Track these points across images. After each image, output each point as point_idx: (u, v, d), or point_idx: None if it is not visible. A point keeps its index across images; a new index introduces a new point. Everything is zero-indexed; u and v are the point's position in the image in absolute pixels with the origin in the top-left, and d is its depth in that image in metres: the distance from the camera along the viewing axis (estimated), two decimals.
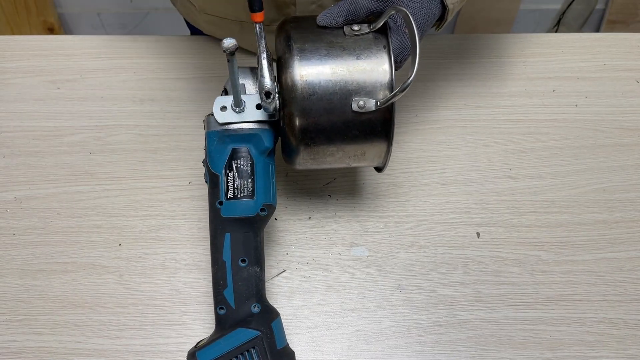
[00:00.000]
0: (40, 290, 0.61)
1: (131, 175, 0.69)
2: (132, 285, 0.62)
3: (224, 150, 0.53)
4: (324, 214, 0.67)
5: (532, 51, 0.82)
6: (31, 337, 0.59)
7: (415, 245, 0.65)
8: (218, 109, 0.53)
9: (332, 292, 0.62)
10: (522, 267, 0.64)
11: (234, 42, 0.46)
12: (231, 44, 0.46)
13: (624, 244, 0.66)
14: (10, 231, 0.65)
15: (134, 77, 0.77)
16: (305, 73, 0.52)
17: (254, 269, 0.53)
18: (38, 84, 0.76)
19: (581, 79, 0.80)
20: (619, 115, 0.76)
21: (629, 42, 0.84)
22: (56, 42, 0.81)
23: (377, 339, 0.60)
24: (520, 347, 0.60)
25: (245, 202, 0.53)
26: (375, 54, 0.53)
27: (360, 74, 0.52)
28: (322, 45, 0.53)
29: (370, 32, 0.54)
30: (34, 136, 0.72)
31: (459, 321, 0.61)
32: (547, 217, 0.68)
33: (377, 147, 0.55)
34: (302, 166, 0.57)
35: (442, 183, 0.70)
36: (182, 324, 0.60)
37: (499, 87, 0.78)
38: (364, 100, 0.52)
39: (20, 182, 0.68)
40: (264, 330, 0.52)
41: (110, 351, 0.58)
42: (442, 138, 0.73)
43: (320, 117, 0.52)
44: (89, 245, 0.64)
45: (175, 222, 0.66)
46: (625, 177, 0.71)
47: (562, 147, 0.73)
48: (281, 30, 0.55)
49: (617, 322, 0.61)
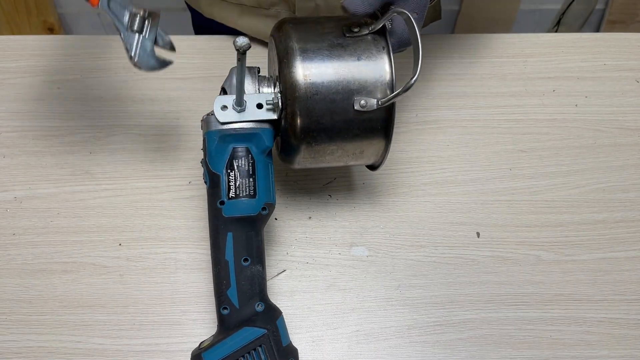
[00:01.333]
0: (41, 290, 0.61)
1: (131, 175, 0.69)
2: (132, 285, 0.62)
3: (224, 150, 0.54)
4: (324, 213, 0.67)
5: (532, 51, 0.82)
6: (31, 336, 0.59)
7: (415, 245, 0.65)
8: (219, 108, 0.54)
9: (332, 291, 0.62)
10: (522, 267, 0.64)
11: (247, 41, 0.46)
12: (244, 42, 0.46)
13: (624, 244, 0.66)
14: (10, 231, 0.65)
15: (134, 77, 0.77)
16: (308, 73, 0.52)
17: (257, 267, 0.53)
18: (38, 84, 0.76)
19: (581, 79, 0.80)
20: (619, 115, 0.76)
21: (629, 42, 0.84)
22: (56, 42, 0.81)
23: (377, 338, 0.60)
24: (520, 347, 0.60)
25: (246, 202, 0.53)
26: (376, 54, 0.54)
27: (362, 74, 0.53)
28: (323, 46, 0.53)
29: (369, 33, 0.54)
30: (34, 136, 0.72)
31: (459, 321, 0.61)
32: (547, 217, 0.68)
33: (375, 145, 0.56)
34: (300, 165, 0.57)
35: (442, 183, 0.70)
36: (182, 323, 0.60)
37: (499, 87, 0.78)
38: (366, 100, 0.53)
39: (20, 182, 0.68)
40: (270, 328, 0.52)
41: (110, 351, 0.58)
42: (442, 138, 0.74)
43: (322, 116, 0.53)
44: (89, 245, 0.64)
45: (175, 222, 0.66)
46: (625, 177, 0.71)
47: (562, 147, 0.73)
48: (280, 30, 0.55)
49: (617, 322, 0.61)
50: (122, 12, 0.54)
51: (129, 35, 0.54)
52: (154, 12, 0.55)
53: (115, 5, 0.54)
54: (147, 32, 0.55)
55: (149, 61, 0.55)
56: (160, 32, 0.56)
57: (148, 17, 0.55)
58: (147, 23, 0.55)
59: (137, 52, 0.55)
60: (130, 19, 0.54)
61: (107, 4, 0.54)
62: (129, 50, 0.54)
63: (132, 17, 0.54)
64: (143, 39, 0.55)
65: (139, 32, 0.55)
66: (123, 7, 0.54)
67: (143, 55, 0.55)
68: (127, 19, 0.54)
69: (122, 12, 0.54)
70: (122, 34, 0.54)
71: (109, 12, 0.54)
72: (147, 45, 0.55)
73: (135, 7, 0.55)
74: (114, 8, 0.54)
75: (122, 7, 0.54)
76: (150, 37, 0.55)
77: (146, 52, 0.55)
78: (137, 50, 0.55)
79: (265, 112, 0.54)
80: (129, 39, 0.54)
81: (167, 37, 0.56)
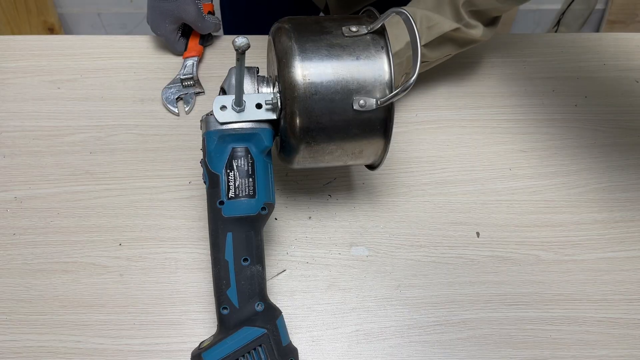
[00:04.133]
0: (41, 289, 0.61)
1: (131, 175, 0.69)
2: (132, 284, 0.62)
3: (224, 150, 0.54)
4: (324, 213, 0.67)
5: (532, 51, 0.82)
6: (31, 336, 0.59)
7: (415, 245, 0.65)
8: (218, 108, 0.54)
9: (332, 291, 0.62)
10: (521, 267, 0.64)
11: (246, 41, 0.46)
12: (243, 42, 0.46)
13: (623, 244, 0.66)
14: (10, 231, 0.65)
15: (134, 77, 0.77)
16: (307, 73, 0.52)
17: (256, 267, 0.53)
18: (38, 84, 0.76)
19: (581, 78, 0.80)
20: (618, 115, 0.76)
21: (629, 42, 0.84)
22: (56, 42, 0.81)
23: (377, 338, 0.60)
24: (520, 347, 0.60)
25: (246, 201, 0.53)
26: (375, 54, 0.54)
27: (361, 74, 0.53)
28: (322, 46, 0.53)
29: (368, 33, 0.54)
30: (34, 136, 0.72)
31: (459, 321, 0.61)
32: (547, 216, 0.68)
33: (374, 145, 0.56)
34: (299, 165, 0.57)
35: (442, 183, 0.70)
36: (182, 323, 0.60)
37: (499, 87, 0.78)
38: (365, 100, 0.53)
39: (21, 182, 0.68)
40: (270, 327, 0.52)
41: (110, 351, 0.58)
42: (442, 138, 0.74)
43: (322, 116, 0.53)
44: (89, 245, 0.64)
45: (175, 222, 0.66)
46: (625, 177, 0.71)
47: (562, 147, 0.73)
48: (280, 30, 0.55)
49: (617, 322, 0.61)
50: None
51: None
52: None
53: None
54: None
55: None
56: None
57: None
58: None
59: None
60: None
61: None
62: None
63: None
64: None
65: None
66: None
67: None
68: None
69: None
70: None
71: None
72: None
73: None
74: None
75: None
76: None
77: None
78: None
79: (265, 112, 0.54)
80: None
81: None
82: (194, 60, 0.76)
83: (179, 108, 0.73)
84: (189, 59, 0.75)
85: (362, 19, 0.57)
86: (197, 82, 0.75)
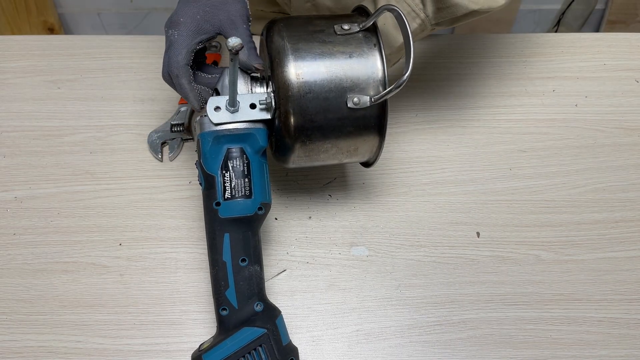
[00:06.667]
0: (41, 289, 0.61)
1: (131, 175, 0.69)
2: (133, 284, 0.62)
3: (219, 151, 0.53)
4: (324, 213, 0.67)
5: (532, 51, 0.82)
6: (31, 336, 0.59)
7: (415, 245, 0.65)
8: (212, 109, 0.53)
9: (332, 291, 0.62)
10: (522, 267, 0.64)
11: (239, 42, 0.46)
12: (237, 42, 0.46)
13: (623, 244, 0.66)
14: (10, 231, 0.65)
15: (134, 77, 0.77)
16: (301, 72, 0.52)
17: (255, 267, 0.53)
18: (38, 84, 0.76)
19: (581, 79, 0.80)
20: (619, 115, 0.76)
21: (629, 42, 0.84)
22: (56, 42, 0.81)
23: (377, 338, 0.60)
24: (520, 347, 0.60)
25: (242, 202, 0.53)
26: (367, 51, 0.54)
27: (354, 72, 0.53)
28: (315, 44, 0.53)
29: (360, 30, 0.54)
30: (34, 136, 0.72)
31: (459, 321, 0.61)
32: (547, 216, 0.68)
33: (369, 142, 0.56)
34: (295, 164, 0.57)
35: (442, 183, 0.70)
36: (182, 323, 0.60)
37: (499, 87, 0.78)
38: (359, 97, 0.53)
39: (21, 182, 0.68)
40: (270, 327, 0.52)
41: (110, 351, 0.58)
42: (442, 138, 0.74)
43: (316, 114, 0.53)
44: (89, 244, 0.64)
45: (175, 222, 0.66)
46: (625, 177, 0.71)
47: (562, 147, 0.73)
48: (272, 30, 0.55)
49: (617, 322, 0.61)
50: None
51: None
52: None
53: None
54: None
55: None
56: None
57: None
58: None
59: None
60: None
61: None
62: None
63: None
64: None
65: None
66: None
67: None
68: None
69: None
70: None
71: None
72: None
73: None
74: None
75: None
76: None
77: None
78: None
79: (259, 112, 0.54)
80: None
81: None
82: (188, 108, 0.74)
83: (162, 153, 0.70)
84: (183, 106, 0.74)
85: (354, 16, 0.57)
86: (187, 130, 0.72)
